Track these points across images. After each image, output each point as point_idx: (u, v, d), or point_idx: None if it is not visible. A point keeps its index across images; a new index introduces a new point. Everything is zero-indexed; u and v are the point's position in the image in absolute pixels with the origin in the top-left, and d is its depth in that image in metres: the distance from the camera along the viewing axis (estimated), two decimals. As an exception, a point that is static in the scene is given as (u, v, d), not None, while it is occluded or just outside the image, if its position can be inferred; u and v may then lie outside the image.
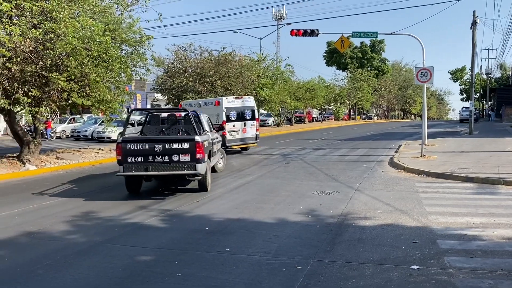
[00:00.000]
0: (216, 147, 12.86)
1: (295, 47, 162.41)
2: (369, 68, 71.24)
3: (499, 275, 5.16)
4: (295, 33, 20.35)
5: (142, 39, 16.83)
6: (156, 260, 5.93)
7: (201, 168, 10.01)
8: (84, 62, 13.71)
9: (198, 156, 9.89)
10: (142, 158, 9.83)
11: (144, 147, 9.84)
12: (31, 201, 9.92)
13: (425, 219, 7.76)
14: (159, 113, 12.94)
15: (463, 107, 53.86)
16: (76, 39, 13.13)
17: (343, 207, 8.78)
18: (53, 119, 32.14)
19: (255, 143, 20.82)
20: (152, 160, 9.85)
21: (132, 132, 17.21)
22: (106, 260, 5.94)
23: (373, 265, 5.57)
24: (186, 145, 9.85)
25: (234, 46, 62.89)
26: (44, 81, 14.04)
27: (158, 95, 39.23)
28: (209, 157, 11.20)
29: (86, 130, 29.81)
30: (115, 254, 6.20)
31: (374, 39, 68.06)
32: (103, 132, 27.27)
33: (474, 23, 29.06)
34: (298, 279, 5.14)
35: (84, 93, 14.84)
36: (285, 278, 5.19)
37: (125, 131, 11.50)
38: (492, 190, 10.32)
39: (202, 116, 12.40)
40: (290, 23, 41.58)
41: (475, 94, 55.28)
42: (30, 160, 15.49)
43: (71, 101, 15.03)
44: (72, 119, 33.33)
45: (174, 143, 9.88)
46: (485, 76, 64.00)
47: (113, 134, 26.74)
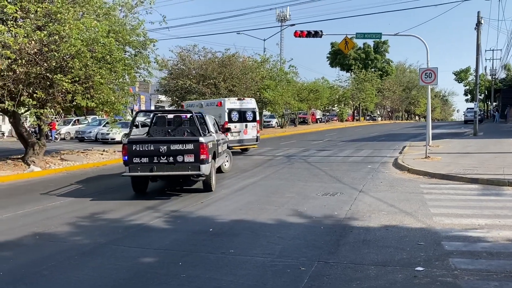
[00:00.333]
0: (222, 148, 12.91)
1: (299, 48, 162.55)
2: (373, 69, 71.10)
3: (505, 276, 5.13)
4: (299, 34, 20.32)
5: (146, 42, 16.89)
6: (160, 262, 5.94)
7: (205, 168, 10.12)
8: (88, 64, 13.76)
9: (202, 157, 10.00)
10: (147, 159, 9.98)
11: (149, 148, 9.99)
12: (35, 202, 9.96)
13: (429, 220, 7.73)
14: (165, 115, 13.09)
15: (468, 108, 53.68)
16: (80, 41, 13.18)
17: (347, 209, 8.76)
18: (57, 121, 32.27)
19: (255, 144, 20.88)
20: (157, 161, 9.99)
21: (136, 134, 17.32)
22: (110, 262, 5.95)
23: (377, 266, 5.55)
24: (190, 146, 9.98)
25: (238, 48, 63.00)
26: (48, 83, 14.09)
27: (162, 97, 39.27)
28: (214, 158, 11.29)
29: (90, 132, 29.90)
30: (119, 255, 6.21)
31: (377, 40, 67.90)
32: (107, 134, 27.34)
33: (478, 23, 28.97)
34: (303, 280, 5.13)
35: (89, 95, 14.89)
36: (289, 280, 5.19)
37: (131, 132, 11.62)
38: (497, 192, 10.26)
39: (208, 117, 12.49)
40: (293, 24, 41.75)
41: (480, 95, 55.09)
42: (34, 162, 15.56)
43: (75, 103, 15.09)
44: (76, 121, 33.44)
45: (178, 144, 10.02)
46: (489, 77, 63.74)
47: (117, 136, 26.82)
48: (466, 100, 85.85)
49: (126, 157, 10.06)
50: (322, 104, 53.99)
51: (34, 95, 13.70)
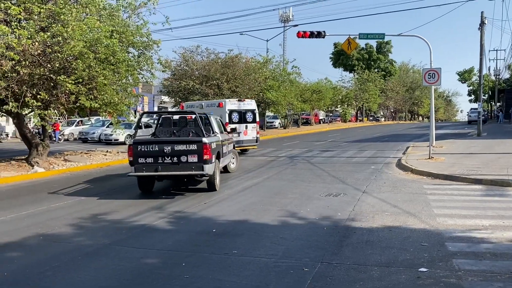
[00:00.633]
0: (227, 148, 13.03)
1: (302, 49, 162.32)
2: (376, 70, 70.99)
3: (509, 277, 5.11)
4: (302, 35, 20.34)
5: (150, 43, 16.92)
6: (163, 262, 5.95)
7: (208, 168, 10.29)
8: (92, 65, 13.79)
9: (205, 157, 10.17)
10: (152, 159, 10.18)
11: (154, 149, 10.20)
12: (39, 203, 9.99)
13: (433, 221, 7.71)
14: (170, 116, 13.30)
15: (471, 109, 53.53)
16: (83, 42, 13.22)
17: (351, 209, 8.75)
18: (61, 122, 32.35)
19: (255, 145, 20.95)
20: (161, 161, 10.18)
21: (140, 135, 17.44)
22: (114, 262, 5.96)
23: (381, 267, 5.54)
24: (194, 147, 10.18)
25: (241, 48, 62.97)
26: (52, 84, 14.13)
27: (165, 98, 39.33)
28: (218, 158, 11.43)
29: (94, 133, 29.96)
30: (123, 256, 6.23)
31: (380, 40, 67.83)
32: (111, 135, 27.40)
33: (482, 24, 28.90)
34: (306, 281, 5.13)
35: (92, 96, 14.93)
36: (292, 281, 5.18)
37: (137, 133, 11.84)
38: (501, 192, 10.23)
39: (213, 118, 12.69)
40: (296, 25, 41.66)
41: (484, 95, 54.86)
42: (38, 163, 15.61)
43: (79, 104, 15.13)
44: (79, 122, 33.51)
45: (182, 145, 10.22)
46: (493, 77, 63.58)
47: (121, 137, 26.87)
48: (470, 101, 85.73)
49: (131, 157, 10.27)
50: (325, 105, 53.92)
51: (38, 96, 13.75)
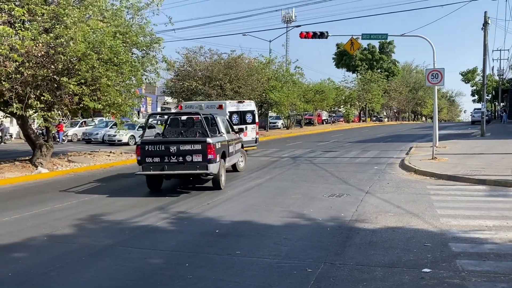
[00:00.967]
0: (234, 148, 13.33)
1: (305, 49, 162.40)
2: (379, 70, 70.86)
3: (513, 278, 5.10)
4: (305, 36, 20.33)
5: (153, 41, 16.96)
6: (167, 263, 5.96)
7: (212, 167, 10.62)
8: (95, 66, 13.84)
9: (210, 156, 10.51)
10: (159, 158, 10.58)
11: (160, 148, 10.61)
12: (43, 203, 10.03)
13: (436, 222, 7.69)
14: (178, 117, 13.70)
15: (475, 109, 53.33)
16: (87, 43, 13.26)
17: (354, 210, 8.74)
18: (64, 123, 32.43)
19: (254, 146, 21.06)
20: (168, 160, 10.56)
21: (146, 135, 17.59)
22: (117, 263, 5.98)
23: (384, 268, 5.53)
24: (198, 147, 10.54)
25: (244, 49, 63.07)
26: (56, 85, 14.18)
27: (168, 98, 39.41)
28: (223, 158, 11.73)
29: (97, 133, 30.04)
30: (127, 256, 6.24)
31: (383, 40, 67.71)
32: (114, 135, 27.46)
33: (485, 23, 28.80)
34: (309, 282, 5.13)
35: (96, 97, 14.98)
36: (295, 281, 5.19)
37: (144, 133, 12.42)
38: (505, 193, 10.20)
39: (219, 119, 13.09)
40: (299, 26, 41.73)
41: (487, 96, 54.73)
42: (42, 163, 15.66)
43: (82, 105, 15.18)
44: (83, 123, 33.59)
45: (187, 145, 10.61)
46: (497, 77, 63.32)
47: (124, 137, 26.94)
48: (473, 101, 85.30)
49: (139, 157, 10.67)
50: (328, 105, 53.90)
51: (42, 97, 13.80)
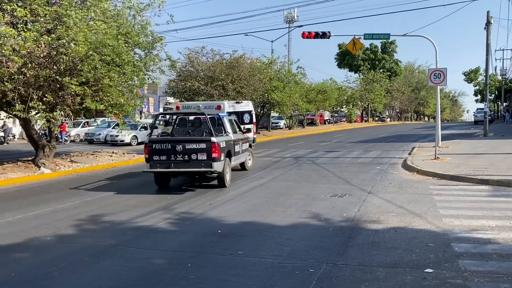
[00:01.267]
0: (241, 147, 13.73)
1: (307, 49, 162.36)
2: (381, 70, 70.80)
3: (515, 279, 5.09)
4: (307, 36, 20.33)
5: (155, 40, 16.99)
6: (169, 263, 5.97)
7: (217, 166, 11.03)
8: (98, 66, 13.86)
9: (214, 155, 10.91)
10: (165, 156, 11.03)
11: (167, 147, 11.05)
12: (46, 204, 10.05)
13: (439, 222, 7.68)
14: (186, 117, 14.19)
15: (478, 109, 53.25)
16: (89, 43, 13.27)
17: (356, 210, 8.73)
18: (67, 123, 32.51)
19: (251, 146, 21.09)
20: (174, 159, 11.01)
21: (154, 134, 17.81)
22: (120, 263, 5.99)
23: (386, 268, 5.53)
24: (203, 145, 10.95)
25: (246, 49, 62.86)
26: (58, 85, 14.20)
27: (171, 99, 39.44)
28: (229, 156, 12.14)
29: (100, 134, 30.08)
30: (129, 256, 6.25)
31: (385, 40, 67.65)
32: (116, 136, 27.50)
33: (488, 23, 28.75)
34: (311, 282, 5.13)
35: (98, 97, 15.00)
36: (298, 281, 5.19)
37: (152, 132, 12.85)
38: (508, 193, 10.17)
39: (226, 119, 13.48)
40: (301, 26, 41.71)
41: (490, 95, 54.56)
42: (45, 164, 15.70)
43: (84, 105, 15.20)
44: (85, 123, 33.65)
45: (192, 144, 11.03)
46: (500, 77, 63.20)
47: (126, 138, 26.98)
48: (476, 101, 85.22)
49: (147, 155, 11.17)
50: (330, 105, 53.87)
51: (44, 98, 13.82)
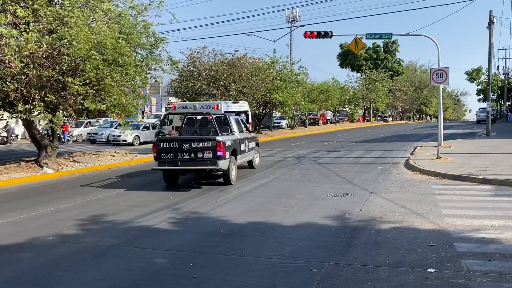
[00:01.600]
0: (247, 146, 14.16)
1: (309, 49, 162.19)
2: (383, 69, 70.69)
3: (518, 278, 5.08)
4: (309, 35, 20.33)
5: (157, 41, 17.01)
6: (171, 263, 5.98)
7: (222, 164, 11.43)
8: (100, 67, 13.88)
9: (219, 153, 11.30)
10: (173, 155, 11.45)
11: (174, 146, 11.46)
12: (49, 203, 10.08)
13: (441, 221, 7.67)
14: (194, 116, 14.71)
15: (480, 108, 53.11)
16: (90, 43, 13.29)
17: (358, 210, 8.73)
18: (69, 123, 32.59)
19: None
20: (181, 157, 11.43)
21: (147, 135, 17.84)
22: (122, 263, 6.01)
23: (389, 268, 5.53)
24: (209, 144, 11.34)
25: (248, 49, 63.08)
26: (61, 85, 14.23)
27: (173, 99, 39.49)
28: (234, 155, 12.51)
29: (102, 134, 30.14)
30: (132, 256, 6.27)
31: (387, 40, 67.52)
32: (119, 136, 27.55)
33: (490, 22, 28.68)
34: (313, 282, 5.13)
35: (100, 97, 15.02)
36: (300, 281, 5.19)
37: (160, 131, 13.44)
38: (511, 192, 10.14)
39: (232, 118, 13.86)
40: (303, 25, 41.62)
41: (492, 95, 54.44)
42: (47, 164, 15.73)
43: (87, 105, 15.22)
44: (88, 123, 33.73)
45: (198, 142, 11.44)
46: (502, 76, 63.00)
47: (129, 138, 27.02)
48: (479, 100, 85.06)
49: (155, 153, 11.61)
50: (332, 105, 53.80)
51: (46, 98, 13.84)
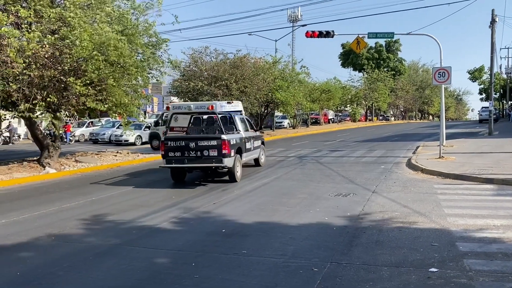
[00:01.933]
0: (252, 144, 14.55)
1: (311, 49, 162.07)
2: (385, 69, 70.57)
3: (521, 278, 5.06)
4: (310, 35, 20.29)
5: (159, 42, 17.04)
6: (173, 262, 5.99)
7: (227, 161, 11.82)
8: (101, 67, 13.89)
9: (224, 151, 11.69)
10: (180, 153, 11.87)
11: (181, 144, 11.90)
12: (51, 203, 10.10)
13: (443, 221, 7.66)
14: (200, 116, 14.99)
15: (482, 107, 52.97)
16: (92, 43, 13.31)
17: (360, 209, 8.72)
18: (72, 123, 32.65)
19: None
20: (187, 155, 11.84)
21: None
22: (124, 262, 6.01)
23: (391, 267, 5.52)
24: (214, 142, 11.76)
25: (249, 49, 62.83)
26: (62, 86, 14.25)
27: (174, 99, 39.50)
28: (239, 153, 12.86)
29: (104, 134, 30.19)
30: (134, 256, 6.27)
31: (389, 39, 67.42)
32: (121, 136, 27.59)
33: (493, 21, 28.60)
34: (315, 281, 5.13)
35: (102, 98, 15.04)
36: (302, 281, 5.19)
37: (167, 131, 13.99)
38: (513, 192, 10.12)
39: (237, 118, 14.20)
40: (305, 25, 41.67)
41: (495, 94, 54.32)
42: (50, 164, 15.76)
43: (89, 105, 15.24)
44: (90, 123, 33.78)
45: (204, 141, 11.85)
46: (505, 76, 62.83)
47: (131, 138, 27.05)
48: (481, 99, 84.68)
49: (163, 152, 12.01)
50: (334, 105, 53.72)
51: (47, 99, 13.86)
